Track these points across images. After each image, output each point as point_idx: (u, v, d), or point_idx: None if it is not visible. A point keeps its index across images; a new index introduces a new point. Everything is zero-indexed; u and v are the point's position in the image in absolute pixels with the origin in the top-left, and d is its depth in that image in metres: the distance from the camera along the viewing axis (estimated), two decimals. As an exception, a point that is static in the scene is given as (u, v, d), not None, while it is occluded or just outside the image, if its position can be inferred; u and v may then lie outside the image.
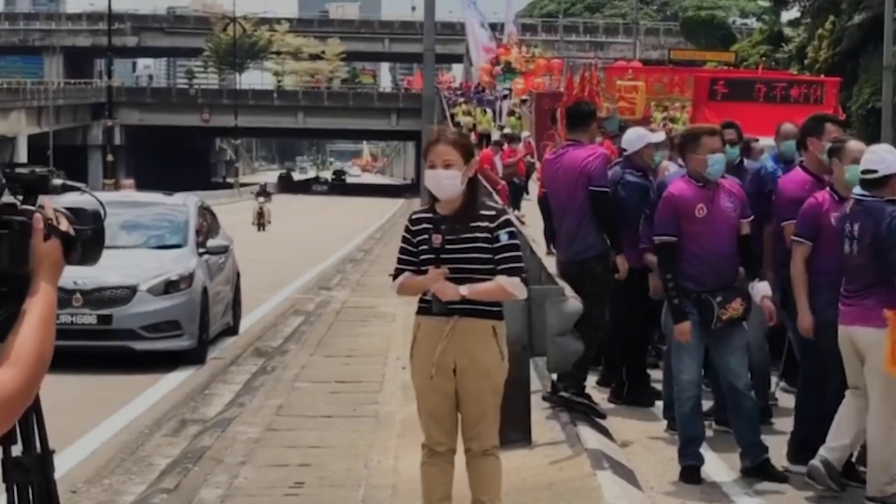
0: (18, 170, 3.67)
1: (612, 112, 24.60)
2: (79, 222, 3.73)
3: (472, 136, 33.77)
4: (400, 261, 5.99)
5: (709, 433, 8.31)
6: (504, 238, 5.82)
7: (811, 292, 7.45)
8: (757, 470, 7.66)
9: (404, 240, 6.00)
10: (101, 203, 3.84)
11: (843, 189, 7.42)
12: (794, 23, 63.19)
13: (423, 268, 5.84)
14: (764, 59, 54.15)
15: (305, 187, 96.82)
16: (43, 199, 3.41)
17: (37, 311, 2.73)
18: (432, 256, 5.81)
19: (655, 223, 8.00)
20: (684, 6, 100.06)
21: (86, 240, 3.71)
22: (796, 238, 7.53)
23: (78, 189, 3.85)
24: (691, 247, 7.66)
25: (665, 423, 8.87)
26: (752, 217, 7.91)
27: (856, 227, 7.09)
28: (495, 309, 5.92)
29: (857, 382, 7.16)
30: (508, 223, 5.91)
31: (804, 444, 7.61)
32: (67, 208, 3.81)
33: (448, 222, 5.84)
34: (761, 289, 7.70)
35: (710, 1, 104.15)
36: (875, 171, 7.05)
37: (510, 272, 5.80)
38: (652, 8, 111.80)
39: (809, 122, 8.42)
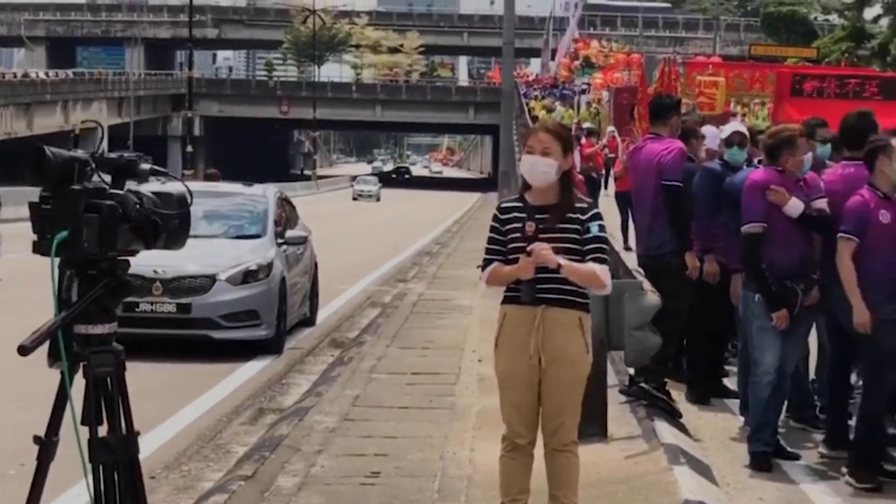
0: (107, 154, 3.74)
1: (692, 107, 24.44)
2: (165, 207, 3.79)
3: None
4: (488, 251, 5.95)
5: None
6: (595, 229, 5.81)
7: (863, 290, 7.42)
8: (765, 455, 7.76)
9: (493, 229, 5.97)
10: (187, 189, 3.90)
11: (885, 186, 7.48)
12: (876, 19, 62.39)
13: (513, 256, 5.82)
14: (846, 55, 53.52)
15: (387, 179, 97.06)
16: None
17: None
18: (524, 245, 5.77)
19: (743, 212, 7.95)
20: (766, 2, 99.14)
21: (171, 225, 3.78)
22: (843, 234, 7.48)
23: (165, 174, 3.91)
24: (780, 235, 7.72)
25: (742, 419, 8.79)
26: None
27: None
28: (583, 301, 5.89)
29: None
30: (599, 216, 5.90)
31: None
32: (154, 193, 3.87)
33: (542, 212, 5.83)
34: None
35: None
36: None
37: (599, 261, 5.79)
38: (732, 3, 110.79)
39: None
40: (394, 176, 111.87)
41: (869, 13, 62.56)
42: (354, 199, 68.37)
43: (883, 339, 7.41)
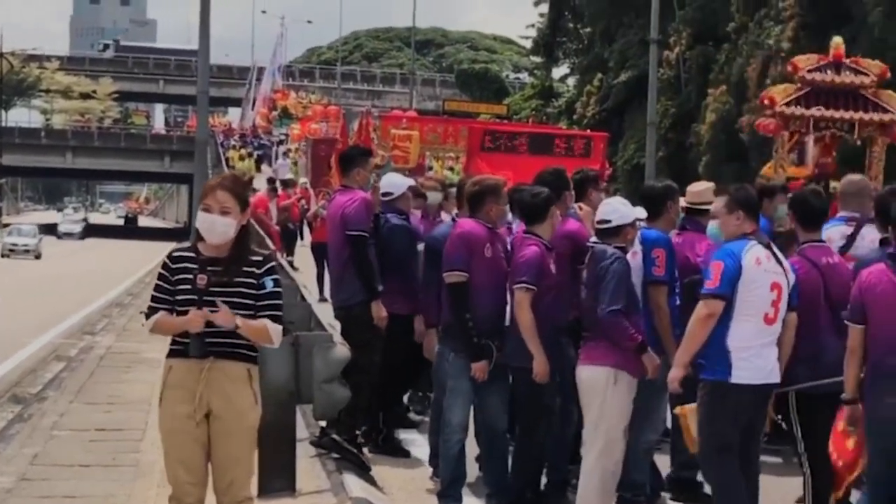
0: None
1: (387, 160, 24.74)
2: None
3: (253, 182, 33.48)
4: (154, 299, 5.79)
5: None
6: (270, 285, 5.75)
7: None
8: None
9: (161, 277, 5.82)
10: None
11: (547, 234, 7.83)
12: (564, 79, 65.08)
13: (182, 308, 5.68)
14: (535, 112, 55.52)
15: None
16: None
17: None
18: (195, 297, 5.65)
19: (446, 260, 7.94)
20: (459, 59, 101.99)
21: None
22: (522, 285, 7.63)
23: None
24: (478, 288, 7.79)
25: (431, 470, 8.84)
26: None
27: (584, 273, 7.59)
28: (252, 353, 5.81)
29: None
30: (274, 270, 5.84)
31: None
32: None
33: (216, 264, 5.71)
34: None
35: (485, 55, 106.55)
36: (609, 221, 7.57)
37: (273, 319, 5.73)
38: (428, 59, 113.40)
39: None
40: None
41: (557, 73, 65.22)
42: (3, 255, 51.10)
43: (546, 390, 7.66)
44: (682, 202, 8.85)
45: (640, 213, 8.02)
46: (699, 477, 8.04)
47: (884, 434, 6.45)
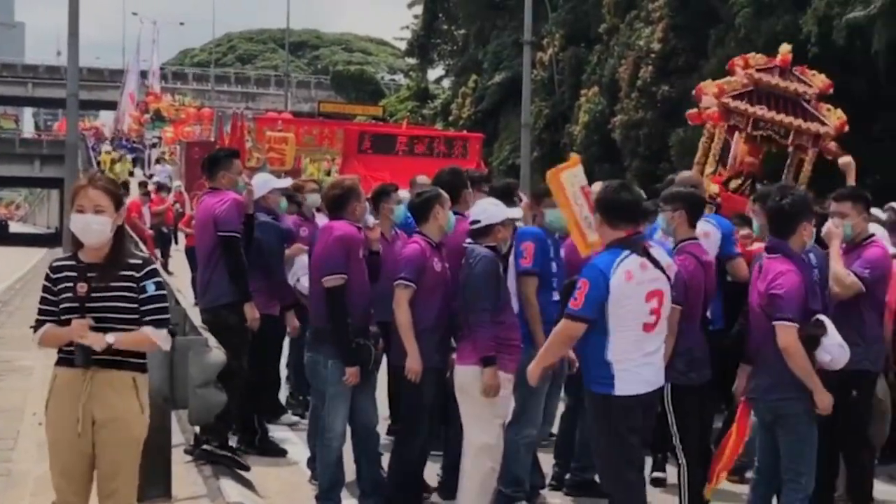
0: None
1: (263, 162, 24.61)
2: None
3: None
4: (41, 311, 5.73)
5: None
6: (151, 288, 5.69)
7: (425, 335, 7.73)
8: None
9: (45, 289, 5.76)
10: None
11: (438, 235, 7.88)
12: (439, 80, 65.27)
13: (66, 317, 5.61)
14: (411, 114, 55.63)
15: None
16: None
17: None
18: (76, 306, 5.60)
19: (325, 264, 7.85)
20: (335, 60, 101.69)
21: None
22: (402, 281, 7.69)
23: None
24: (354, 290, 7.79)
25: (309, 472, 8.83)
26: None
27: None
28: (138, 361, 5.76)
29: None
30: (155, 273, 5.78)
31: None
32: None
33: (93, 271, 5.65)
34: None
35: (360, 56, 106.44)
36: (479, 221, 7.69)
37: (156, 323, 5.68)
38: (303, 61, 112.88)
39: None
40: None
41: (432, 74, 65.39)
42: None
43: (425, 390, 7.70)
44: None
45: (513, 213, 8.07)
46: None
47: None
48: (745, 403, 7.03)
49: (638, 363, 6.38)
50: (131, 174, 46.46)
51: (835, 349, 6.61)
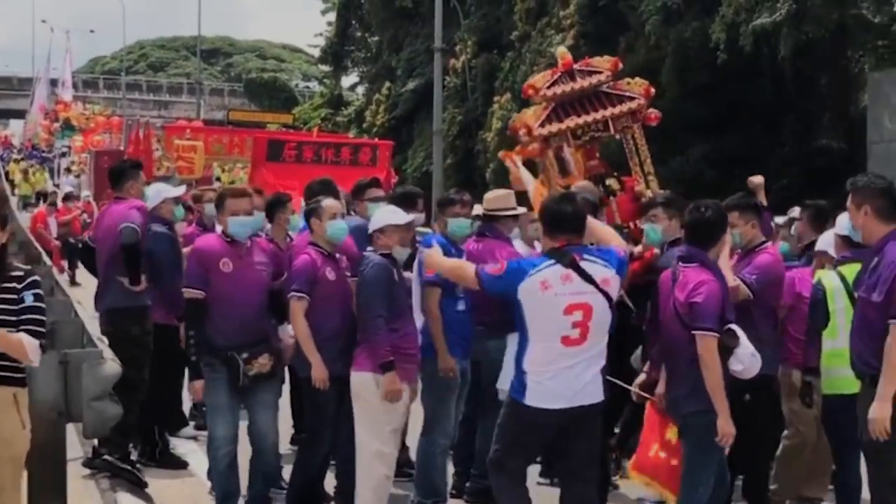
0: None
1: (172, 172, 24.37)
2: None
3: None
4: None
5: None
6: (29, 299, 5.63)
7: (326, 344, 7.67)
8: None
9: None
10: None
11: (327, 245, 7.83)
12: (353, 87, 65.15)
13: None
14: (324, 121, 55.44)
15: None
16: None
17: None
18: None
19: (186, 276, 7.86)
20: (248, 68, 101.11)
21: None
22: (295, 294, 7.64)
23: None
24: (219, 303, 7.64)
25: (209, 485, 8.72)
26: (284, 275, 7.99)
27: None
28: (18, 376, 5.67)
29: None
30: (36, 285, 5.72)
31: None
32: None
33: None
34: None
35: (274, 63, 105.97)
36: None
37: (31, 334, 5.60)
38: (216, 69, 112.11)
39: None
40: None
41: (346, 81, 65.21)
42: None
43: (328, 399, 7.65)
44: (479, 209, 8.97)
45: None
46: None
47: None
48: (653, 404, 7.03)
49: (554, 376, 6.30)
50: (57, 186, 45.76)
51: (747, 358, 6.60)
